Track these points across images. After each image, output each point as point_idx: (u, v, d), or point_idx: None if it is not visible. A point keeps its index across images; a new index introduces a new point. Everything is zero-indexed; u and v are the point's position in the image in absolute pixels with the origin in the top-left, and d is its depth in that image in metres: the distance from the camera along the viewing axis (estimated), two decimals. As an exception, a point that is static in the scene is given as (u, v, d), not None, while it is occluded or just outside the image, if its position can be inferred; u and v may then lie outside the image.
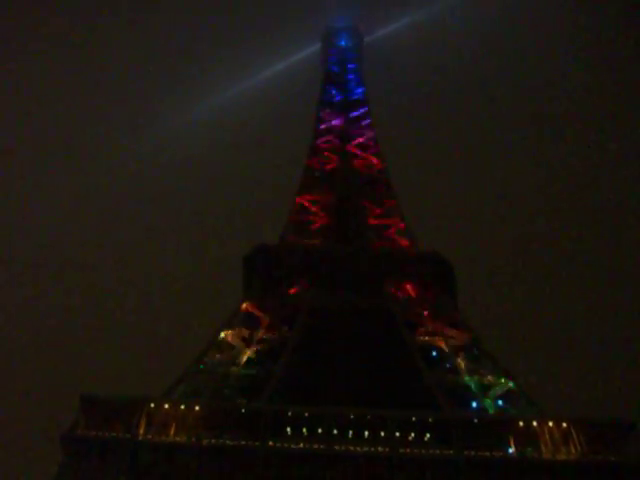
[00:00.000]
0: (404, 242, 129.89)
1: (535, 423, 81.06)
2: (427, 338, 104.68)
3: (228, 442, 78.07)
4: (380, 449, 78.64)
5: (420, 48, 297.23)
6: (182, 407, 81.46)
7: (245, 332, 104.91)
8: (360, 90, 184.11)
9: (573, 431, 79.57)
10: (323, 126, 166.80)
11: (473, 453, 77.45)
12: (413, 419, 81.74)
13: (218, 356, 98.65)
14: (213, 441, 78.06)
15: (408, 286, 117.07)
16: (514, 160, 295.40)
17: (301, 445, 78.79)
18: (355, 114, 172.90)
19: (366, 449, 78.52)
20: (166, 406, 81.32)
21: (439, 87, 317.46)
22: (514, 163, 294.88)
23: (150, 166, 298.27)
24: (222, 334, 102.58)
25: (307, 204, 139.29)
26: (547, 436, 79.71)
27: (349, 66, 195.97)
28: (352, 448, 78.58)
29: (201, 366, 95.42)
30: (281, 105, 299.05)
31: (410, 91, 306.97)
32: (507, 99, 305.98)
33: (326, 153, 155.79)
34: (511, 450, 78.91)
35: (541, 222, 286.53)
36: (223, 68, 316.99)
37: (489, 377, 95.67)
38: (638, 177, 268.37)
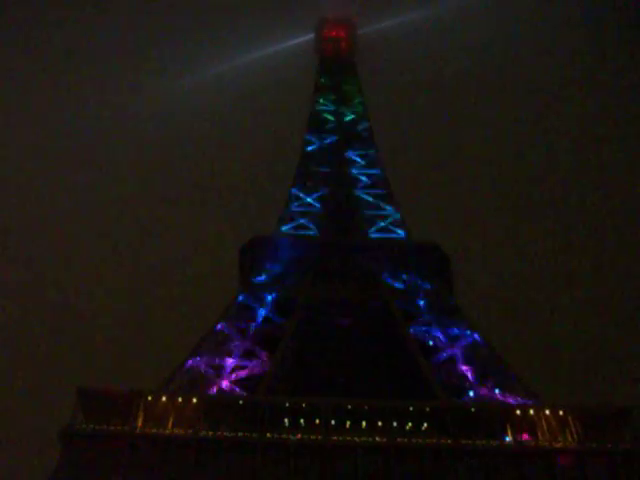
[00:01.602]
0: (400, 233, 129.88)
1: (532, 411, 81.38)
2: (423, 328, 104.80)
3: (226, 434, 78.03)
4: (378, 439, 78.70)
5: (419, 43, 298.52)
6: (180, 400, 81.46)
7: (241, 324, 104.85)
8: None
9: (570, 419, 79.99)
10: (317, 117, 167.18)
11: (470, 442, 77.61)
12: (410, 409, 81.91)
13: (214, 348, 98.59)
14: (211, 433, 78.12)
15: (404, 276, 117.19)
16: (511, 151, 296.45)
17: (299, 436, 78.84)
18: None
19: (364, 439, 78.67)
20: (164, 399, 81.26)
21: (435, 79, 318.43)
22: (511, 154, 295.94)
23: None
24: (218, 326, 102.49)
25: (302, 195, 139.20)
26: (544, 424, 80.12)
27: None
28: (350, 439, 78.65)
29: (198, 358, 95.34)
30: (277, 88, 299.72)
31: (405, 83, 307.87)
32: (507, 92, 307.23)
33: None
34: (508, 438, 79.25)
35: (538, 211, 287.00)
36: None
37: (486, 366, 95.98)
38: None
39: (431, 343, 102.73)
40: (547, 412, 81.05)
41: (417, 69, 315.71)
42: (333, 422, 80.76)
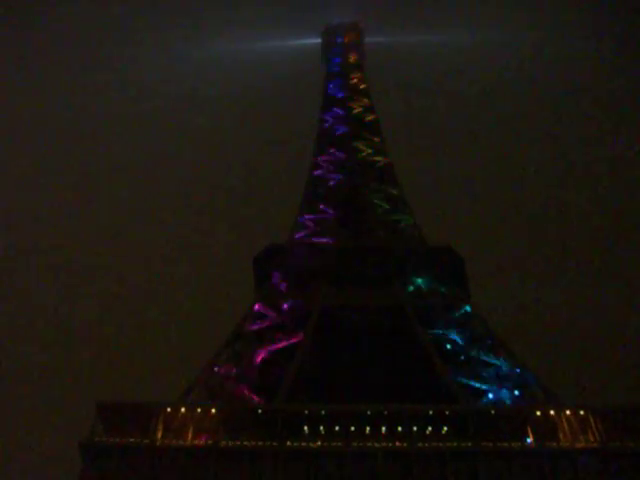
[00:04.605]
0: (414, 237, 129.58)
1: (553, 412, 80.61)
2: (441, 332, 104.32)
3: (246, 443, 78.06)
4: (398, 444, 78.40)
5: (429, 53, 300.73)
6: (199, 410, 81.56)
7: (258, 333, 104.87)
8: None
9: (591, 419, 79.08)
10: (327, 125, 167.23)
11: (491, 444, 77.05)
12: (430, 413, 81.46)
13: (232, 357, 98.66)
14: (231, 443, 78.13)
15: (419, 280, 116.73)
16: (523, 152, 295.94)
17: (319, 443, 78.68)
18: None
19: (384, 444, 78.37)
20: (183, 410, 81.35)
21: (448, 84, 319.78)
22: (523, 155, 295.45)
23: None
24: (235, 335, 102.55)
25: (315, 202, 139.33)
26: (565, 425, 79.36)
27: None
28: (370, 444, 78.37)
29: (215, 368, 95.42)
30: (284, 94, 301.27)
31: (417, 87, 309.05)
32: (519, 94, 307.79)
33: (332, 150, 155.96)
34: (529, 440, 78.65)
35: (551, 213, 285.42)
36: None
37: (504, 368, 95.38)
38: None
39: (449, 346, 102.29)
40: (568, 412, 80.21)
41: (426, 75, 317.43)
42: (353, 428, 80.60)
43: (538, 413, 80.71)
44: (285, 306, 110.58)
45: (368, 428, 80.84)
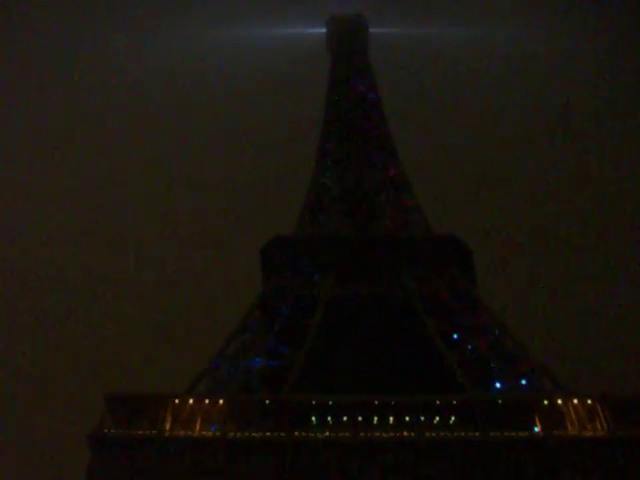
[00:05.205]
0: (419, 227, 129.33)
1: (560, 401, 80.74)
2: (447, 321, 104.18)
3: (254, 434, 78.43)
4: (406, 434, 78.66)
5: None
6: (207, 401, 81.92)
7: (265, 323, 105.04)
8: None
9: (598, 407, 79.22)
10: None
11: (499, 434, 77.28)
12: (437, 403, 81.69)
13: (239, 349, 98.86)
14: (239, 434, 78.48)
15: (426, 270, 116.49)
16: (528, 146, 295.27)
17: (327, 434, 78.96)
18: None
19: (392, 435, 78.59)
20: (191, 401, 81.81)
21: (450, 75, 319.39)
22: (528, 149, 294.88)
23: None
24: (243, 327, 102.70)
25: (321, 193, 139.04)
26: (572, 413, 79.42)
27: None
28: (378, 434, 78.68)
29: (223, 359, 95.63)
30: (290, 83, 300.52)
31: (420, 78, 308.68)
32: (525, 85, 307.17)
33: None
34: (537, 429, 78.70)
35: (557, 203, 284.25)
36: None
37: (511, 357, 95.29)
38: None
39: (455, 336, 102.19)
40: (575, 401, 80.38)
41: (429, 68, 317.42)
42: (360, 418, 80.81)
43: (545, 402, 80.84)
44: (292, 296, 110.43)
45: (376, 418, 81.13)
